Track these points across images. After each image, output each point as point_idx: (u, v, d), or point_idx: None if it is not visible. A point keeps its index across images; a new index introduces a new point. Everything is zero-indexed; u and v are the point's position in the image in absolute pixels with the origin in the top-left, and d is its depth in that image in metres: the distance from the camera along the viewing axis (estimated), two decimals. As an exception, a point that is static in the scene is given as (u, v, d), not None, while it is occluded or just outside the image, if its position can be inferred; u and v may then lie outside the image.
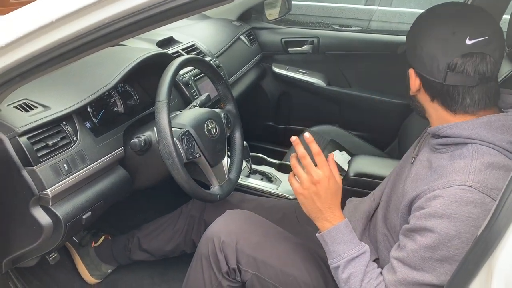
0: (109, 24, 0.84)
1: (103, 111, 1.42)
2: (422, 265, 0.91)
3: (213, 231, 1.24)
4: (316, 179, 1.02)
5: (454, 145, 0.96)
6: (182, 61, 1.31)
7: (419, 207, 0.92)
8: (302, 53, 2.53)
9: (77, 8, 0.81)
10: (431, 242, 0.88)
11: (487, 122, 0.93)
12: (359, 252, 1.01)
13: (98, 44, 0.88)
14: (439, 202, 0.87)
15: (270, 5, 2.62)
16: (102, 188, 1.25)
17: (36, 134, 1.08)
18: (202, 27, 2.29)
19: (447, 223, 0.86)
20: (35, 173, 1.05)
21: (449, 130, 0.95)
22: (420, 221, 0.90)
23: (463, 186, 0.86)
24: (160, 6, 0.81)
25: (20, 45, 0.87)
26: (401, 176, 1.10)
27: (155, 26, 0.88)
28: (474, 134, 0.92)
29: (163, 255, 1.60)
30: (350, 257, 1.01)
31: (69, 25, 0.84)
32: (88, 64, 1.35)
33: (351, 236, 1.03)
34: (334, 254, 1.03)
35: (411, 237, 0.93)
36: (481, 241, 0.69)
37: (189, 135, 1.28)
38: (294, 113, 2.68)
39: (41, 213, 1.09)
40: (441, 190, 0.88)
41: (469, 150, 0.91)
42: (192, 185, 1.22)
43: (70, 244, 1.67)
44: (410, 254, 0.92)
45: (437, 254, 0.88)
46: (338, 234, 1.03)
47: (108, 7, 0.82)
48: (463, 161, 0.90)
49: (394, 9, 3.63)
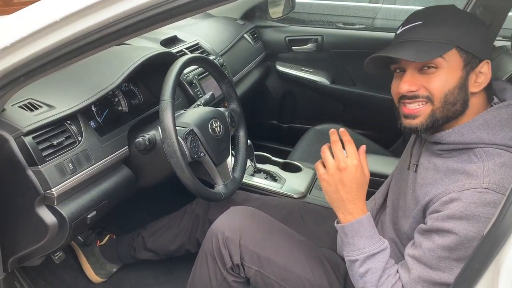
0: (113, 23, 0.84)
1: (107, 110, 1.43)
2: (438, 264, 0.90)
3: (217, 227, 1.23)
4: (342, 165, 1.00)
5: (458, 150, 0.95)
6: (186, 60, 1.31)
7: (435, 211, 0.91)
8: (306, 51, 2.52)
9: (81, 8, 0.81)
10: (449, 242, 0.88)
11: (484, 123, 0.93)
12: (380, 248, 0.99)
13: (102, 43, 0.88)
14: (457, 204, 0.87)
15: (274, 3, 2.62)
16: (107, 187, 1.25)
17: (41, 133, 1.08)
18: (205, 25, 2.29)
19: (466, 224, 0.85)
20: (40, 172, 1.05)
21: (449, 137, 0.95)
22: (438, 223, 0.89)
23: (479, 189, 0.86)
24: (164, 5, 0.81)
25: (25, 45, 0.87)
26: (405, 183, 1.08)
27: (159, 25, 0.87)
28: (476, 139, 0.92)
29: (167, 254, 1.60)
30: (371, 253, 0.98)
31: (74, 25, 0.84)
32: (92, 64, 1.35)
33: (373, 231, 1.01)
34: (353, 247, 1.00)
35: (428, 236, 0.92)
36: (488, 240, 0.69)
37: (194, 134, 1.28)
38: (298, 111, 2.68)
39: (46, 213, 1.10)
40: (457, 193, 0.87)
41: (476, 155, 0.91)
42: (197, 184, 1.22)
43: (75, 243, 1.67)
44: (427, 252, 0.91)
45: (455, 254, 0.88)
46: (360, 228, 1.00)
47: (112, 6, 0.82)
48: (475, 165, 0.89)
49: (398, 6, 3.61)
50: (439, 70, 0.93)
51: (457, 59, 0.92)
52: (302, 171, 1.79)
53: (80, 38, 0.86)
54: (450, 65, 0.92)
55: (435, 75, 0.93)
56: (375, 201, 1.24)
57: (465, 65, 0.93)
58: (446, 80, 0.93)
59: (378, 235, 1.02)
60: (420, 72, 0.95)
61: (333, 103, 2.56)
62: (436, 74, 0.93)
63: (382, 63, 1.01)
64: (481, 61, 0.94)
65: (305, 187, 1.69)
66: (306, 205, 1.52)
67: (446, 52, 0.91)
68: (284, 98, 2.66)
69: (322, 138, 2.13)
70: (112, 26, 0.84)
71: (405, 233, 1.04)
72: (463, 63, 0.93)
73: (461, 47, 0.92)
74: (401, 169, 1.16)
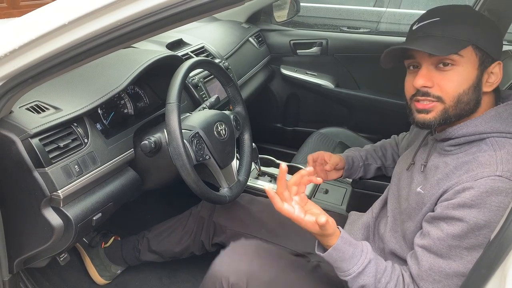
0: (120, 26, 0.84)
1: (113, 113, 1.43)
2: (449, 253, 0.89)
3: (220, 271, 1.13)
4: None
5: (468, 144, 0.95)
6: (192, 64, 1.31)
7: (446, 199, 0.91)
8: (311, 55, 2.53)
9: (90, 11, 0.82)
10: (459, 231, 0.87)
11: (496, 115, 0.94)
12: (363, 265, 0.97)
13: (109, 46, 0.89)
14: (469, 193, 0.87)
15: (279, 7, 2.63)
16: (112, 190, 1.25)
17: (47, 135, 1.09)
18: (211, 29, 2.29)
19: (476, 212, 0.85)
20: (47, 174, 1.06)
21: (460, 130, 0.95)
22: (448, 211, 0.89)
23: (493, 176, 0.86)
24: (171, 9, 0.82)
25: (33, 48, 0.88)
26: (410, 185, 1.07)
27: (166, 29, 0.88)
28: (490, 128, 0.92)
29: (172, 256, 1.61)
30: (356, 272, 0.97)
31: (81, 28, 0.85)
32: (99, 66, 1.35)
33: (352, 250, 0.98)
34: (341, 270, 0.99)
35: (436, 224, 0.92)
36: (494, 244, 0.68)
37: (199, 137, 1.28)
38: (303, 115, 2.68)
39: (52, 214, 1.10)
40: (471, 182, 0.87)
41: (488, 145, 0.91)
42: (202, 187, 1.23)
43: (80, 245, 1.68)
44: (437, 242, 0.91)
45: (465, 243, 0.87)
46: (338, 254, 0.98)
47: (120, 9, 0.82)
48: (487, 154, 0.90)
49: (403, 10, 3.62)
50: (455, 67, 0.93)
51: (472, 57, 0.93)
52: (307, 175, 1.79)
53: (88, 41, 0.87)
54: (466, 63, 0.93)
55: (451, 72, 0.93)
56: (372, 211, 1.24)
57: (480, 64, 0.93)
58: (462, 78, 0.93)
59: (359, 252, 0.98)
60: (435, 69, 0.95)
61: (337, 106, 2.56)
62: (452, 71, 0.93)
63: (397, 58, 1.02)
64: (494, 61, 0.95)
65: (309, 190, 1.69)
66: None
67: (463, 48, 0.91)
68: (288, 101, 2.67)
69: (326, 141, 2.14)
70: (119, 29, 0.85)
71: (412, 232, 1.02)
72: (479, 61, 0.93)
73: (478, 45, 0.92)
74: (400, 172, 1.15)
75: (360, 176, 1.44)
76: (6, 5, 4.55)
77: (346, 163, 1.40)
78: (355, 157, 1.42)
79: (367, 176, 1.45)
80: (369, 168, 1.43)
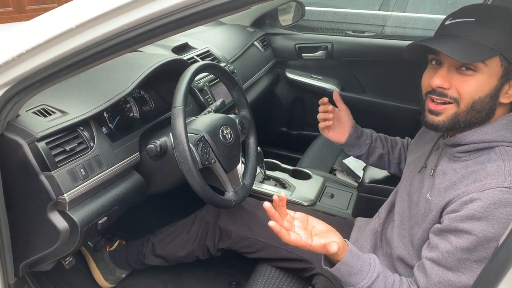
0: (127, 31, 0.85)
1: (119, 116, 1.44)
2: (458, 266, 0.89)
3: None
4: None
5: (477, 151, 0.94)
6: (198, 67, 1.31)
7: (453, 211, 0.90)
8: (316, 58, 2.53)
9: (97, 15, 0.83)
10: (468, 244, 0.87)
11: (508, 123, 0.93)
12: (371, 279, 0.96)
13: (116, 50, 0.89)
14: (477, 204, 0.86)
15: (284, 11, 2.63)
16: (118, 193, 1.25)
17: (54, 139, 1.09)
18: (216, 33, 2.30)
19: (485, 225, 0.85)
20: (53, 177, 1.06)
21: (470, 137, 0.94)
22: (456, 223, 0.88)
23: (501, 188, 0.85)
24: (177, 13, 0.82)
25: (40, 52, 0.88)
26: (420, 189, 1.06)
27: (172, 33, 0.88)
28: (500, 137, 0.91)
29: (176, 260, 1.60)
30: (365, 287, 0.96)
31: (89, 32, 0.85)
32: (105, 70, 1.36)
33: (360, 265, 0.97)
34: (349, 285, 0.98)
35: (445, 237, 0.91)
36: (502, 250, 0.68)
37: (205, 140, 1.28)
38: (308, 119, 2.68)
39: (58, 218, 1.10)
40: (478, 193, 0.86)
41: (497, 154, 0.90)
42: (207, 191, 1.22)
43: (85, 249, 1.68)
44: (446, 255, 0.90)
45: (475, 256, 0.87)
46: (347, 268, 0.96)
47: (126, 14, 0.83)
48: (495, 164, 0.88)
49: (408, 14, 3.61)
50: (476, 74, 0.91)
51: (497, 67, 0.91)
52: (312, 179, 1.79)
53: (95, 45, 0.87)
54: (489, 72, 0.91)
55: (471, 78, 0.92)
56: (379, 216, 1.23)
57: (503, 75, 0.91)
58: (480, 86, 0.91)
59: (367, 266, 0.98)
60: (456, 71, 0.93)
61: (342, 110, 2.55)
62: (473, 77, 0.92)
63: (421, 51, 0.99)
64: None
65: (315, 195, 1.69)
66: (316, 213, 1.51)
67: (490, 57, 0.89)
68: (293, 105, 2.67)
69: (331, 145, 2.13)
70: (125, 33, 0.85)
71: (419, 239, 1.01)
72: (502, 72, 0.91)
73: (505, 56, 0.90)
74: (412, 176, 1.14)
75: (362, 153, 1.39)
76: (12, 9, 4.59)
77: (354, 128, 1.35)
78: (365, 132, 1.39)
79: (369, 159, 1.41)
80: (374, 151, 1.39)
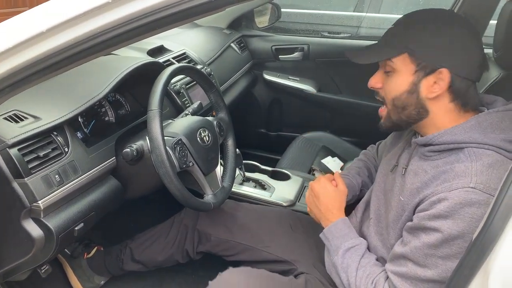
0: (100, 33, 0.83)
1: (94, 121, 1.41)
2: (425, 261, 0.92)
3: None
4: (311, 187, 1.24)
5: (447, 151, 0.96)
6: (174, 70, 1.30)
7: (423, 209, 0.94)
8: (293, 60, 2.54)
9: (68, 18, 0.81)
10: (434, 240, 0.90)
11: (476, 124, 0.94)
12: (354, 243, 1.08)
13: (89, 54, 0.88)
14: (444, 204, 0.89)
15: (260, 12, 2.64)
16: (94, 199, 1.23)
17: (26, 145, 1.07)
18: (192, 35, 2.29)
19: (450, 223, 0.88)
20: (26, 185, 1.04)
21: (440, 138, 0.96)
22: (424, 221, 0.92)
23: (467, 188, 0.87)
24: (151, 15, 0.81)
25: (10, 56, 0.86)
26: (392, 189, 1.08)
27: (147, 35, 0.87)
28: (468, 138, 0.93)
29: (156, 265, 1.59)
30: (346, 248, 1.05)
31: (60, 35, 0.83)
32: (79, 74, 1.33)
33: (348, 231, 1.11)
34: (334, 248, 1.07)
35: (415, 234, 0.95)
36: (476, 245, 0.69)
37: (182, 143, 1.27)
38: (286, 120, 2.69)
39: (33, 226, 1.08)
40: (446, 193, 0.89)
41: (466, 155, 0.92)
42: (186, 194, 1.22)
43: (61, 256, 1.64)
44: (414, 250, 0.94)
45: (440, 252, 0.90)
46: (336, 229, 1.12)
47: (99, 16, 0.81)
48: (463, 165, 0.91)
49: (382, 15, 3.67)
50: (393, 73, 0.99)
51: (408, 63, 0.96)
52: (291, 179, 1.80)
53: (67, 49, 0.85)
54: (401, 69, 0.97)
55: (390, 77, 1.00)
56: (356, 214, 1.24)
57: (417, 70, 0.96)
58: (396, 84, 0.99)
59: (354, 234, 1.12)
60: (384, 73, 1.02)
61: (320, 111, 2.58)
62: (391, 77, 1.00)
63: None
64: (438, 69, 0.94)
65: (294, 195, 1.69)
66: (295, 213, 1.52)
67: (396, 55, 0.97)
68: (271, 106, 2.68)
69: (310, 145, 2.14)
70: (99, 36, 0.84)
71: (395, 238, 1.04)
72: (416, 68, 0.96)
73: (413, 52, 0.95)
74: (385, 174, 1.16)
75: None
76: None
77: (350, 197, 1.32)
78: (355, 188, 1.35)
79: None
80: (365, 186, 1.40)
